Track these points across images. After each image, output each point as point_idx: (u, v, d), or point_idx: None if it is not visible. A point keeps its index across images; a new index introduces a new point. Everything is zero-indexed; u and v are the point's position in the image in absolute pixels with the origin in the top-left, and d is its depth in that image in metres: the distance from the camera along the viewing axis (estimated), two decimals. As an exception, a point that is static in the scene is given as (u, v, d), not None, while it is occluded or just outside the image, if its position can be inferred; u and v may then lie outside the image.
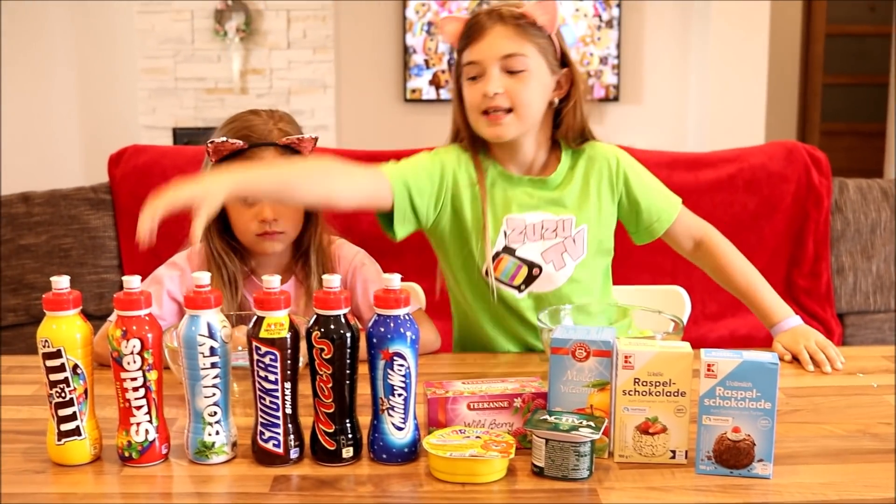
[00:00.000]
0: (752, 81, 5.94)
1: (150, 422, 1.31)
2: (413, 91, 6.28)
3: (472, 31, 1.80)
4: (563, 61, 1.85)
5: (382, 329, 1.29)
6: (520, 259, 1.86)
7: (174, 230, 1.60)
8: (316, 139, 1.88)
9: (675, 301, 2.14)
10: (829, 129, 7.58)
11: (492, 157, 1.90)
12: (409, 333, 1.29)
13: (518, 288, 1.88)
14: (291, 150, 1.85)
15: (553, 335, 1.34)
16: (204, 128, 5.93)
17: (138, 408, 1.31)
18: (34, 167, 6.07)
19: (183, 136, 5.96)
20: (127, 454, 1.32)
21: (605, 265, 1.97)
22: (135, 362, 1.29)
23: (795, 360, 1.79)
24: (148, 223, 1.37)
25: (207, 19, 5.85)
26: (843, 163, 6.82)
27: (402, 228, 1.83)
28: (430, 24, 6.19)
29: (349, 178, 1.72)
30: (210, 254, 1.89)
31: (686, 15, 6.27)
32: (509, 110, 1.79)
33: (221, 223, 1.89)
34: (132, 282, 1.30)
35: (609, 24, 6.23)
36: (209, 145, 1.80)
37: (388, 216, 1.82)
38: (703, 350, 1.31)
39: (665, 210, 1.94)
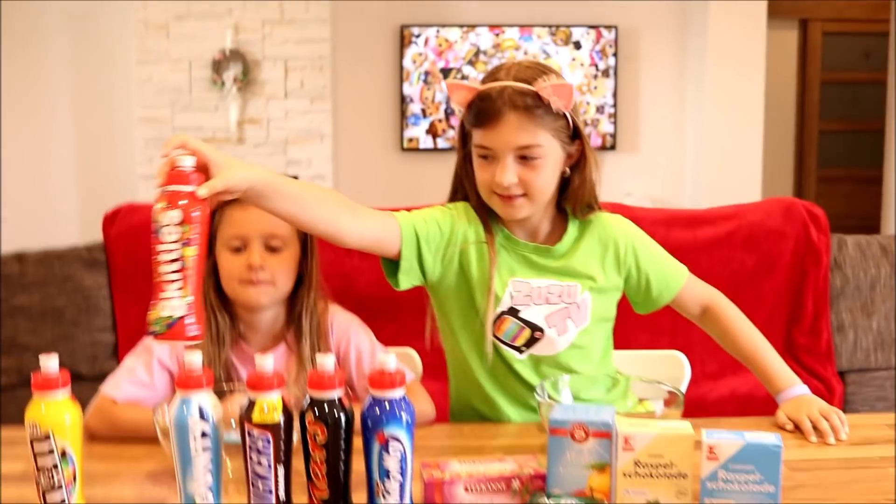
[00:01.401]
0: (749, 128, 5.95)
1: (182, 297, 1.29)
2: (410, 140, 6.27)
3: (483, 115, 1.74)
4: (575, 132, 1.81)
5: (377, 411, 1.26)
6: (523, 321, 1.84)
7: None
8: None
9: (675, 367, 2.12)
10: (826, 175, 7.63)
11: (499, 222, 1.87)
12: (404, 416, 1.26)
13: (519, 349, 1.86)
14: None
15: (551, 415, 1.31)
16: None
17: (170, 282, 1.29)
18: (32, 220, 6.03)
19: None
20: (154, 329, 1.29)
21: (606, 331, 1.95)
22: (171, 234, 1.28)
23: (798, 428, 1.76)
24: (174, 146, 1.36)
25: (205, 69, 5.82)
26: (841, 209, 6.95)
27: (407, 278, 1.80)
28: (426, 73, 6.19)
29: (361, 215, 1.69)
30: (203, 305, 1.86)
31: (682, 63, 6.29)
32: (523, 194, 1.78)
33: (216, 277, 1.86)
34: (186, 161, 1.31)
35: (605, 73, 6.24)
36: None
37: (392, 264, 1.79)
38: (703, 431, 1.28)
39: (672, 280, 1.93)
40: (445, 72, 6.19)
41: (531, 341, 1.85)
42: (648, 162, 6.35)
